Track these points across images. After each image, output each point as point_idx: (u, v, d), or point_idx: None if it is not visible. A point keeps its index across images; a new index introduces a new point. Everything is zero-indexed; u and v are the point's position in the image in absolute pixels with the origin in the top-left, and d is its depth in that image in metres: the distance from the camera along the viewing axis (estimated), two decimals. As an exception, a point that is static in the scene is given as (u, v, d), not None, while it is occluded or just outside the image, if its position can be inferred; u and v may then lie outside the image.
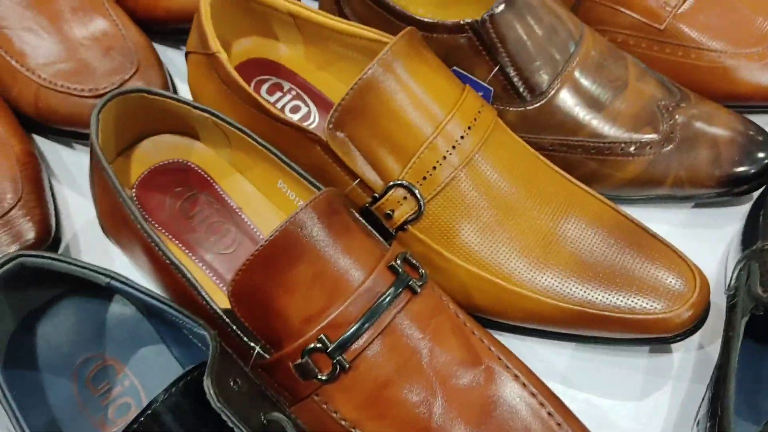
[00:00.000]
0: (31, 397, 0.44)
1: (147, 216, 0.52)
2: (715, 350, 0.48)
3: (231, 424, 0.34)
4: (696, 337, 0.51)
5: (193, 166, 0.54)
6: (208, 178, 0.54)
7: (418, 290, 0.43)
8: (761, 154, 0.54)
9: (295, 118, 0.58)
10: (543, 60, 0.55)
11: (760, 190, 0.54)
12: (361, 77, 0.48)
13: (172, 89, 0.60)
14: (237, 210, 0.53)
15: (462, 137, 0.49)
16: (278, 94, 0.59)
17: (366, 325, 0.41)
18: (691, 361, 0.50)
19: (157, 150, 0.54)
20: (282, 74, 0.60)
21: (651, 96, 0.57)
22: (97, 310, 0.46)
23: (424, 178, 0.49)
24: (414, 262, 0.45)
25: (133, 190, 0.53)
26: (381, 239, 0.47)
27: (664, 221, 0.56)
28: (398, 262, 0.44)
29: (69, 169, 0.59)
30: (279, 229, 0.41)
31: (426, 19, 0.55)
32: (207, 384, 0.34)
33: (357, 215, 0.46)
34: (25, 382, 0.44)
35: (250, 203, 0.53)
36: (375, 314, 0.42)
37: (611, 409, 0.48)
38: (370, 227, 0.47)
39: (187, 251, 0.51)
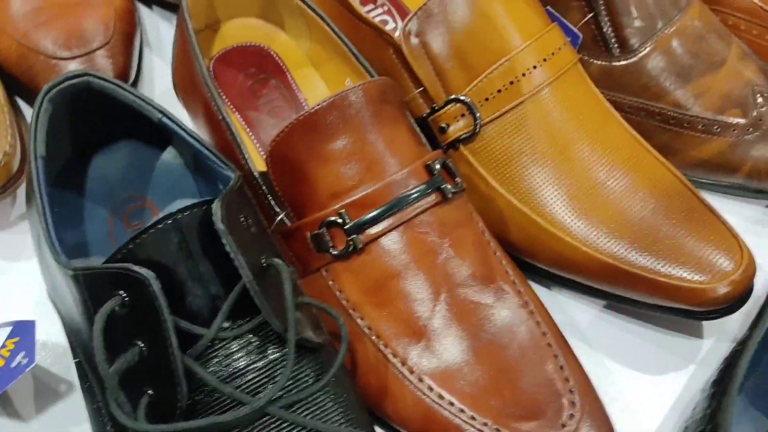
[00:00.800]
0: (70, 216, 0.46)
1: (217, 87, 0.54)
2: (748, 342, 0.45)
3: (228, 249, 0.34)
4: (732, 328, 0.48)
5: (272, 52, 0.56)
6: (283, 67, 0.55)
7: (450, 196, 0.43)
8: None
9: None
10: (641, 16, 0.53)
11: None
12: (447, -13, 0.47)
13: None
14: (303, 102, 0.54)
15: (534, 67, 0.48)
16: (370, 5, 0.60)
17: (387, 213, 0.41)
18: (722, 351, 0.47)
19: (242, 31, 0.56)
20: (379, -11, 0.61)
21: (748, 80, 0.54)
22: (149, 155, 0.48)
23: (487, 99, 0.48)
24: (453, 169, 0.44)
25: (211, 61, 0.55)
26: (426, 142, 0.46)
27: (733, 213, 0.53)
28: (437, 166, 0.43)
29: (163, 41, 0.62)
30: (327, 99, 0.42)
31: (528, -47, 0.54)
32: (216, 206, 0.35)
33: (409, 114, 0.46)
34: (68, 202, 0.46)
35: (316, 97, 0.54)
36: (399, 205, 0.42)
37: (621, 376, 0.46)
38: (418, 130, 0.47)
39: (245, 126, 0.53)
